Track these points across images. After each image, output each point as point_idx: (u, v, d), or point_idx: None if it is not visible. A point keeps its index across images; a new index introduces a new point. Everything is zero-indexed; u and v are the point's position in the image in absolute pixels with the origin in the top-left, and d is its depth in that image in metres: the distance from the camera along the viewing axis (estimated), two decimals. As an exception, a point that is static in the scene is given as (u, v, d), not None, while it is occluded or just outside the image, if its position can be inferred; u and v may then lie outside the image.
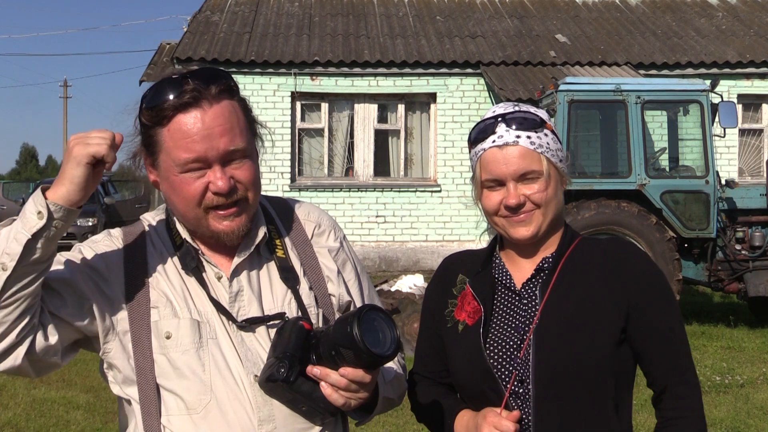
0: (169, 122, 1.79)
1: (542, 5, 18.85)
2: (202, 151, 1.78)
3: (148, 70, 21.63)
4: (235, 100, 1.86)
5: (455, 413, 2.04)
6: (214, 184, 1.80)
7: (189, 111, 1.78)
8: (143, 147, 1.87)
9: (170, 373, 1.84)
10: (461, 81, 16.30)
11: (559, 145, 2.02)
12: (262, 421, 1.83)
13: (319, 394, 1.77)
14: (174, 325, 1.85)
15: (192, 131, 1.78)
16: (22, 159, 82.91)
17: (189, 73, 1.82)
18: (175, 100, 1.78)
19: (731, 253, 10.13)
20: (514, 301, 2.04)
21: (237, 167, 1.83)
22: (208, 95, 1.79)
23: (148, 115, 1.81)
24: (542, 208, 1.97)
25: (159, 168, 1.86)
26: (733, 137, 15.59)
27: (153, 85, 1.85)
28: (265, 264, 1.96)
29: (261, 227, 1.96)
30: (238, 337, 1.87)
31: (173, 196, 1.86)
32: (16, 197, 24.70)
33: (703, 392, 7.57)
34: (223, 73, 1.86)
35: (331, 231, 2.08)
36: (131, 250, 1.93)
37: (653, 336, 1.97)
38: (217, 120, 1.79)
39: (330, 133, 16.46)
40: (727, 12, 18.56)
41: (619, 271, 1.99)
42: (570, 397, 1.92)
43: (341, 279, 2.03)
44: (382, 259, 15.87)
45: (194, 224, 1.88)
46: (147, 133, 1.84)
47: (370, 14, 18.12)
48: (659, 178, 10.15)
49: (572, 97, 9.87)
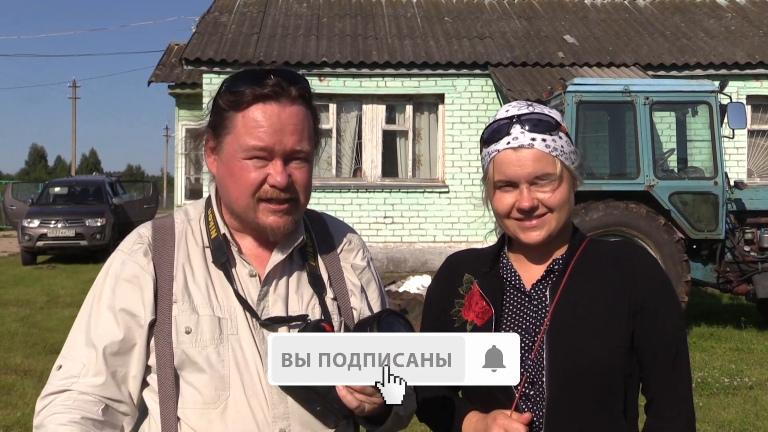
0: (247, 108, 1.86)
1: (550, 6, 18.83)
2: (271, 143, 1.85)
3: (156, 71, 21.73)
4: (310, 107, 1.93)
5: (463, 415, 2.03)
6: (273, 177, 1.86)
7: (268, 103, 1.86)
8: (210, 129, 1.94)
9: (189, 367, 1.87)
10: (469, 82, 16.29)
11: (573, 148, 2.02)
12: (277, 418, 1.86)
13: (334, 395, 1.79)
14: (194, 320, 1.88)
15: (266, 122, 1.85)
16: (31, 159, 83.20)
17: (273, 70, 1.89)
18: (258, 88, 1.85)
19: (740, 255, 10.09)
20: (524, 301, 2.03)
21: (297, 167, 1.90)
22: (288, 94, 1.87)
23: (227, 99, 1.89)
24: (555, 212, 1.97)
25: (221, 152, 1.92)
26: (742, 138, 15.55)
27: (236, 73, 1.92)
28: (297, 269, 2.01)
29: (301, 232, 2.01)
30: (260, 335, 1.90)
31: (229, 181, 1.91)
32: (25, 197, 24.71)
33: (712, 394, 7.60)
34: (303, 78, 1.94)
35: (360, 250, 2.15)
36: (159, 246, 1.97)
37: (653, 343, 1.96)
38: (291, 119, 1.87)
39: (338, 134, 16.46)
40: (736, 13, 18.50)
41: (628, 275, 1.98)
42: (582, 400, 1.91)
43: (364, 296, 2.08)
44: (389, 260, 15.86)
45: (243, 213, 1.92)
46: (221, 115, 1.90)
47: (378, 15, 18.13)
48: (668, 180, 10.12)
49: (580, 98, 9.85)
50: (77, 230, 19.69)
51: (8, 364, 8.86)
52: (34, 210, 20.34)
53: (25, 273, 18.02)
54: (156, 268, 1.93)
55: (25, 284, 15.95)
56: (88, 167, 78.22)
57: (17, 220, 20.80)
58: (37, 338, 10.30)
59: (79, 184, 23.28)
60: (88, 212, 20.21)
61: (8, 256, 22.44)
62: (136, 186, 32.41)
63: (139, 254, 1.96)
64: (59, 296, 14.14)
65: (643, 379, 2.00)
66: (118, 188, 24.22)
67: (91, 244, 19.65)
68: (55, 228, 19.54)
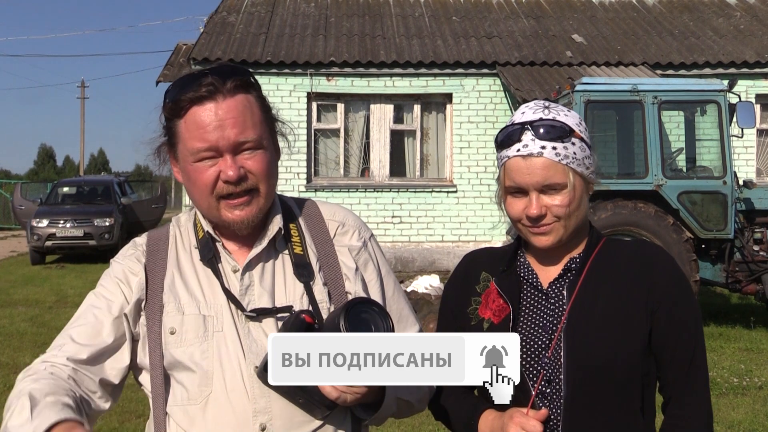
0: (186, 114, 1.89)
1: (558, 5, 18.80)
2: (214, 141, 1.87)
3: (164, 71, 21.73)
4: (252, 94, 1.94)
5: (479, 412, 2.02)
6: (224, 172, 1.88)
7: (204, 103, 1.88)
8: (166, 140, 1.98)
9: (177, 366, 1.91)
10: (477, 81, 16.27)
11: (588, 152, 1.99)
12: (258, 413, 1.87)
13: (313, 387, 1.78)
14: (178, 320, 1.92)
15: (205, 122, 1.87)
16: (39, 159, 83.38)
17: (209, 70, 1.92)
18: (192, 93, 1.88)
19: (749, 254, 10.06)
20: (541, 300, 2.03)
21: (248, 157, 1.91)
22: (223, 89, 1.88)
23: (169, 109, 1.92)
24: (563, 221, 1.96)
25: (178, 159, 1.97)
26: (751, 137, 15.50)
27: (174, 81, 1.95)
28: (281, 259, 2.01)
29: (275, 221, 2.01)
30: (245, 329, 1.92)
31: (189, 186, 1.96)
32: (33, 197, 24.77)
33: (721, 394, 7.57)
34: (241, 69, 1.96)
35: (356, 231, 2.13)
36: (153, 252, 2.03)
37: (671, 342, 1.95)
38: (230, 112, 1.88)
39: (346, 134, 16.47)
40: (745, 11, 18.44)
41: (645, 274, 1.98)
42: (599, 398, 1.91)
43: (359, 277, 2.05)
44: (398, 260, 15.86)
45: (208, 213, 1.97)
46: (168, 126, 1.95)
47: (386, 15, 18.13)
48: (676, 179, 10.09)
49: (589, 97, 9.84)
50: (86, 230, 19.74)
51: (17, 363, 8.89)
52: (42, 210, 20.41)
53: (34, 273, 18.08)
54: (148, 274, 1.98)
55: (34, 284, 16.01)
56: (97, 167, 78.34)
57: (26, 219, 20.85)
58: (45, 338, 10.32)
59: (88, 184, 23.35)
60: (97, 212, 20.26)
61: (17, 255, 22.51)
62: (145, 186, 32.50)
63: (131, 260, 2.02)
64: (68, 296, 14.18)
65: (661, 378, 1.99)
66: (127, 188, 24.28)
67: (99, 244, 19.68)
68: (64, 228, 19.60)
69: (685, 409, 1.97)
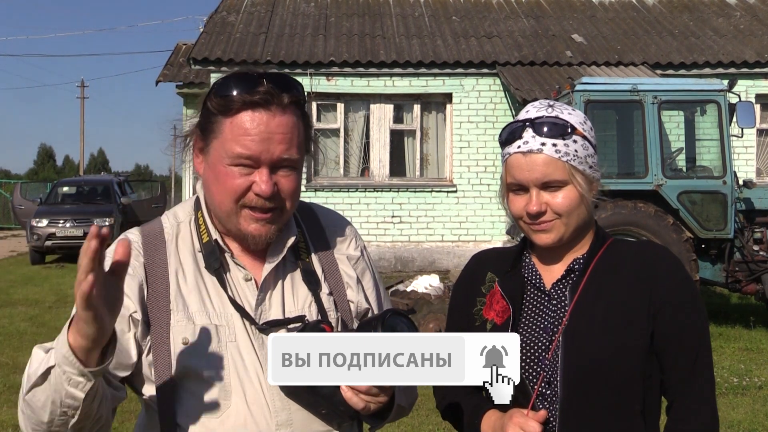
0: (235, 114, 1.81)
1: (558, 5, 18.79)
2: (257, 152, 1.80)
3: (164, 71, 21.78)
4: (302, 114, 1.88)
5: (482, 413, 2.02)
6: (258, 185, 1.82)
7: (257, 110, 1.81)
8: (198, 129, 1.89)
9: (189, 377, 1.83)
10: (477, 81, 16.27)
11: (591, 150, 2.00)
12: (280, 425, 1.84)
13: (339, 398, 1.77)
14: (190, 330, 1.84)
15: (254, 130, 1.80)
16: (39, 159, 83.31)
17: (266, 75, 1.84)
18: (247, 95, 1.80)
19: (749, 254, 10.06)
20: (544, 301, 2.03)
21: (284, 176, 1.85)
22: (279, 102, 1.82)
23: (217, 102, 1.84)
24: (563, 218, 1.96)
25: (208, 154, 1.88)
26: (750, 137, 15.48)
27: (228, 75, 1.86)
28: (291, 268, 1.97)
29: (292, 233, 1.97)
30: (259, 340, 1.87)
31: (213, 185, 1.87)
32: (33, 197, 24.75)
33: (721, 394, 7.57)
34: (296, 83, 1.89)
35: (353, 240, 2.11)
36: (151, 251, 1.92)
37: (674, 344, 1.94)
38: (280, 128, 1.82)
39: (346, 134, 16.46)
40: (745, 11, 18.44)
41: (648, 274, 1.97)
42: (597, 401, 1.90)
43: (360, 287, 2.05)
44: (397, 260, 15.86)
45: (225, 218, 1.88)
46: (209, 118, 1.86)
47: (385, 14, 18.12)
48: (676, 179, 10.10)
49: (589, 97, 9.84)
50: (85, 230, 19.66)
51: (17, 363, 8.89)
52: (42, 209, 20.40)
53: (34, 272, 18.08)
54: (147, 274, 1.89)
55: (34, 284, 16.01)
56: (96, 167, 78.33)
57: (26, 219, 20.85)
58: (45, 337, 10.30)
59: (88, 184, 23.35)
60: (97, 212, 20.27)
61: (17, 255, 22.52)
62: (144, 185, 32.51)
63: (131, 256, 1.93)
64: (68, 296, 14.17)
65: (664, 381, 1.97)
66: (126, 188, 24.26)
67: (99, 244, 19.63)
68: (64, 227, 19.60)
69: (688, 413, 1.95)
